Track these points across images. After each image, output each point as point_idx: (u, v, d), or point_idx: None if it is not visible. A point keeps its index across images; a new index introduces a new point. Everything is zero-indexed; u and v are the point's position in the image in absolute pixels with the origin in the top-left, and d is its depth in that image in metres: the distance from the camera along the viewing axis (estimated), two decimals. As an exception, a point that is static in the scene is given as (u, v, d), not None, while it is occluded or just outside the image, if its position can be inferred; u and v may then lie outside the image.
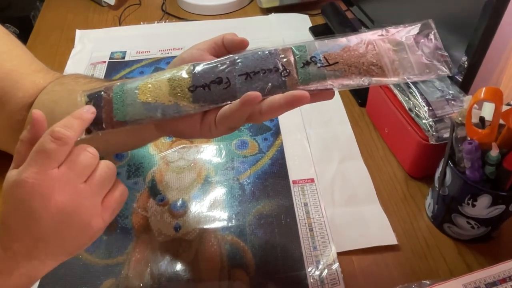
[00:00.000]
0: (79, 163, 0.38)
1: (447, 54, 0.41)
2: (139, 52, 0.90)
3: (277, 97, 0.40)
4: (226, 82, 0.41)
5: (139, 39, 0.93)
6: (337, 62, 0.41)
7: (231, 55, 0.42)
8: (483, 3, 0.53)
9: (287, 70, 0.41)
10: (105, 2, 1.04)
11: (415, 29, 0.42)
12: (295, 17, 0.99)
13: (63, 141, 0.37)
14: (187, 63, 0.43)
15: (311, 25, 0.96)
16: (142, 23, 0.99)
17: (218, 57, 0.43)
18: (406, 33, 0.42)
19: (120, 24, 1.00)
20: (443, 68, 0.41)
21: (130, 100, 0.41)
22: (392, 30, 0.42)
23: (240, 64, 0.42)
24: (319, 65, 0.41)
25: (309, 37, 0.92)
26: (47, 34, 0.97)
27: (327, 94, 0.42)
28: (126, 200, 0.42)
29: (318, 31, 0.92)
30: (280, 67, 0.41)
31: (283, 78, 0.41)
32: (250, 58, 0.42)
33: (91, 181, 0.39)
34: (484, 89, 0.45)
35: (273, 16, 1.00)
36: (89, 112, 0.40)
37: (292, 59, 0.42)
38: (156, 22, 1.00)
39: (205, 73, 0.42)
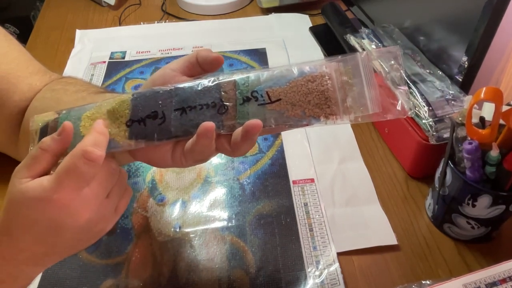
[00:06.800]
0: (107, 180, 0.38)
1: (407, 88, 0.36)
2: (139, 52, 0.90)
3: (239, 130, 0.36)
4: (161, 117, 0.37)
5: (139, 39, 0.93)
6: (280, 100, 0.36)
7: (172, 85, 0.38)
8: (483, 3, 0.53)
9: (225, 107, 0.36)
10: (105, 2, 1.04)
11: (381, 56, 0.37)
12: (295, 17, 0.99)
13: (97, 162, 0.36)
14: (158, 85, 0.39)
15: (311, 25, 0.96)
16: (142, 23, 0.99)
17: (192, 76, 0.40)
18: (367, 62, 0.36)
19: (120, 24, 1.00)
20: (398, 111, 0.36)
21: (73, 132, 0.39)
22: (355, 57, 0.36)
23: (179, 96, 0.37)
24: (259, 102, 0.36)
25: (309, 37, 0.92)
26: (47, 34, 0.97)
27: (265, 131, 0.37)
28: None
29: (318, 31, 0.92)
30: (219, 102, 0.37)
31: (220, 116, 0.37)
32: (189, 90, 0.38)
33: (113, 194, 0.39)
34: (484, 89, 0.45)
35: (273, 16, 0.99)
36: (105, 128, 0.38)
37: (233, 93, 0.37)
38: (156, 22, 1.00)
39: (144, 105, 0.38)
